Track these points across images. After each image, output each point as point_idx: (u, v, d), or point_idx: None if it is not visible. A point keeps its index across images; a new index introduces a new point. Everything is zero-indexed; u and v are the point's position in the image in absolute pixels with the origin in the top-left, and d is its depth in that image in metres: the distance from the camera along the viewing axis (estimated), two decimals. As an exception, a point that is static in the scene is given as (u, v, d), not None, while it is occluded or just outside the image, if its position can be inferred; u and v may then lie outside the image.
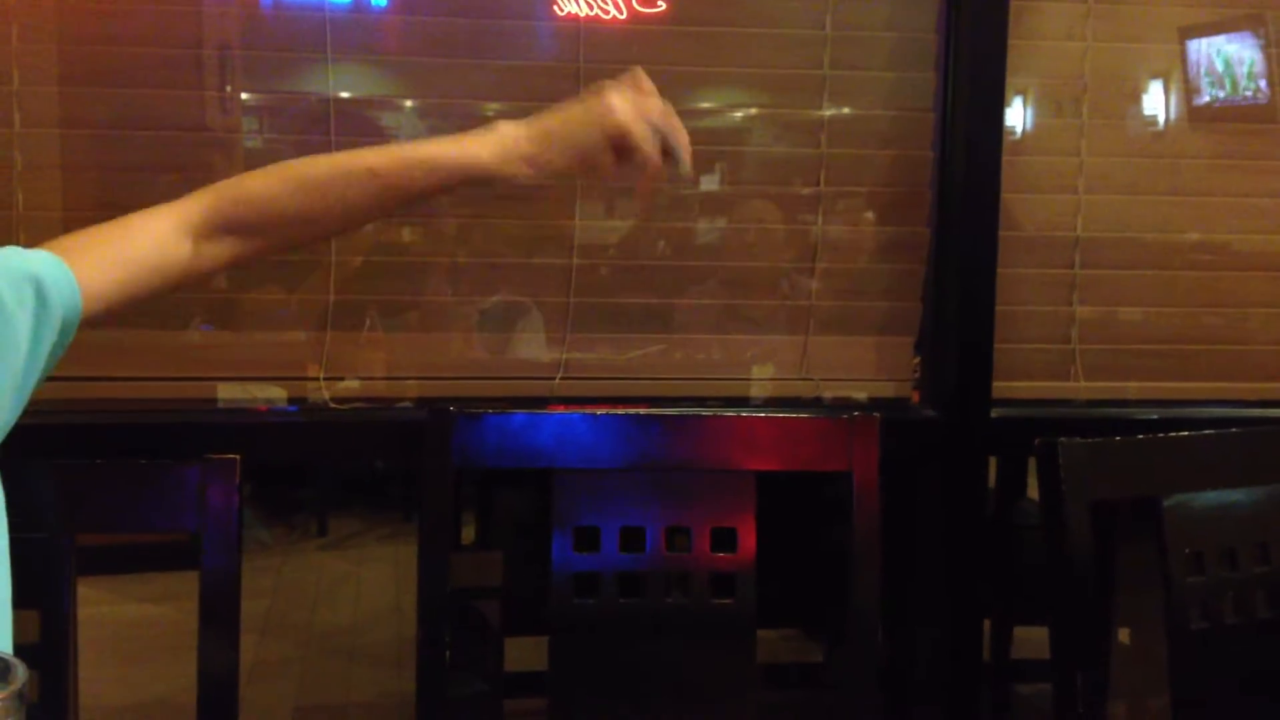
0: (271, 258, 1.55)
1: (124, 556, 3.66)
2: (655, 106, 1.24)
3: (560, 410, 1.86)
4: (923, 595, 2.13)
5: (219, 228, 1.18)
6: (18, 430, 1.08)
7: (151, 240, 1.15)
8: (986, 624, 2.20)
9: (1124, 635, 2.21)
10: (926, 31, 2.08)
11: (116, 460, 1.44)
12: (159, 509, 1.43)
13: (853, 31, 2.08)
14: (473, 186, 1.25)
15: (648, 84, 1.26)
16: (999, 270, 2.04)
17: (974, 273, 2.04)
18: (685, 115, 2.08)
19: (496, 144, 1.21)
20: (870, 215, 2.14)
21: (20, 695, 0.64)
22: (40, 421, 1.12)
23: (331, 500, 4.95)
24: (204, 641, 1.40)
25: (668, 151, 1.24)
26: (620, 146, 1.22)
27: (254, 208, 1.20)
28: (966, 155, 2.02)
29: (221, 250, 1.19)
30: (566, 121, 1.23)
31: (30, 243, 1.10)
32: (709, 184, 2.13)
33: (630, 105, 1.22)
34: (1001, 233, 2.04)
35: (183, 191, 1.19)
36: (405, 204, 1.30)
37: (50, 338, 1.08)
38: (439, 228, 2.09)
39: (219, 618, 1.41)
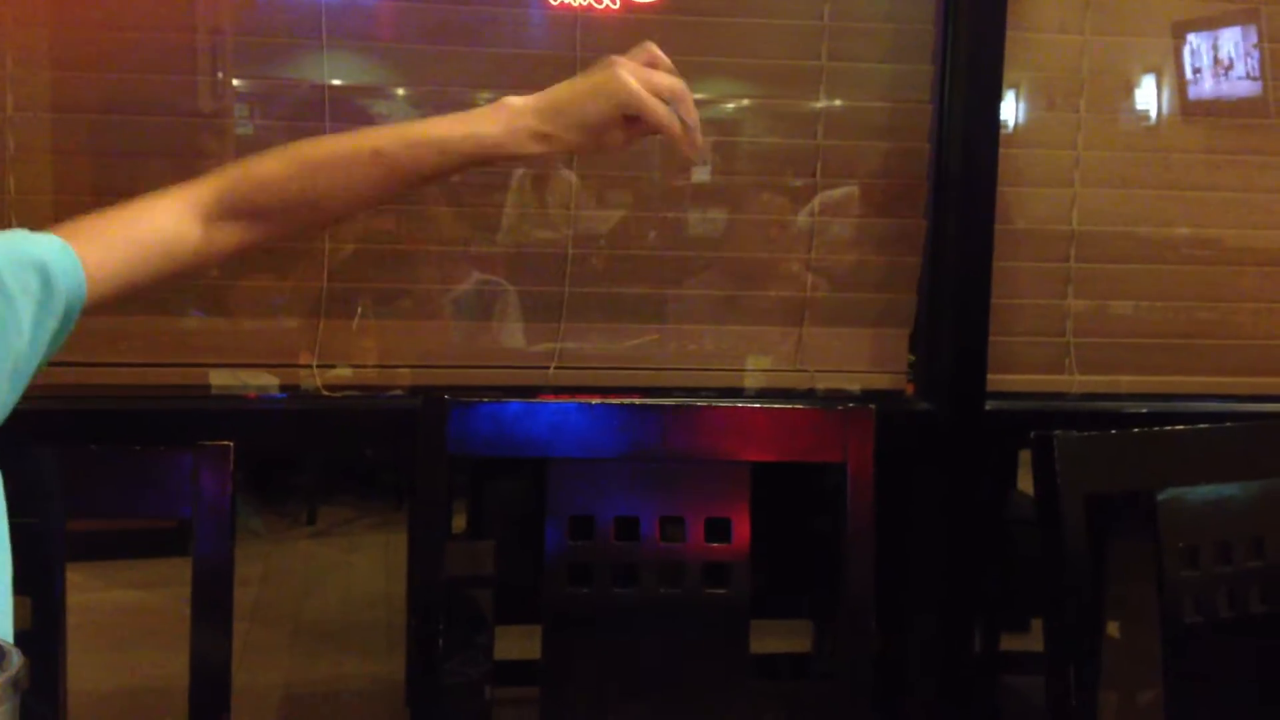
0: (274, 245, 1.53)
1: (115, 542, 3.65)
2: (666, 81, 1.18)
3: (554, 399, 1.86)
4: (916, 586, 2.13)
5: (228, 211, 1.17)
6: (10, 415, 1.08)
7: (160, 223, 1.15)
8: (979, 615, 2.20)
9: (1116, 629, 2.21)
10: (924, 24, 2.07)
11: (109, 446, 1.43)
12: (152, 495, 1.42)
13: (850, 23, 2.07)
14: (481, 165, 1.23)
15: (660, 58, 1.20)
16: (994, 263, 2.04)
17: (969, 265, 2.04)
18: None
19: (504, 120, 1.18)
20: (866, 207, 2.14)
21: (15, 683, 0.64)
22: (32, 407, 1.11)
23: (321, 488, 4.94)
24: (196, 628, 1.39)
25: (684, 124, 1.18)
26: (631, 119, 1.17)
27: (262, 191, 1.19)
28: (963, 148, 2.02)
29: (230, 234, 1.18)
30: (575, 95, 1.19)
31: (22, 227, 1.09)
32: (703, 174, 2.12)
33: (640, 78, 1.17)
34: (997, 226, 2.04)
35: (175, 177, 1.18)
36: (412, 185, 1.29)
37: (53, 324, 1.08)
38: (433, 215, 2.08)
39: (211, 604, 1.40)
